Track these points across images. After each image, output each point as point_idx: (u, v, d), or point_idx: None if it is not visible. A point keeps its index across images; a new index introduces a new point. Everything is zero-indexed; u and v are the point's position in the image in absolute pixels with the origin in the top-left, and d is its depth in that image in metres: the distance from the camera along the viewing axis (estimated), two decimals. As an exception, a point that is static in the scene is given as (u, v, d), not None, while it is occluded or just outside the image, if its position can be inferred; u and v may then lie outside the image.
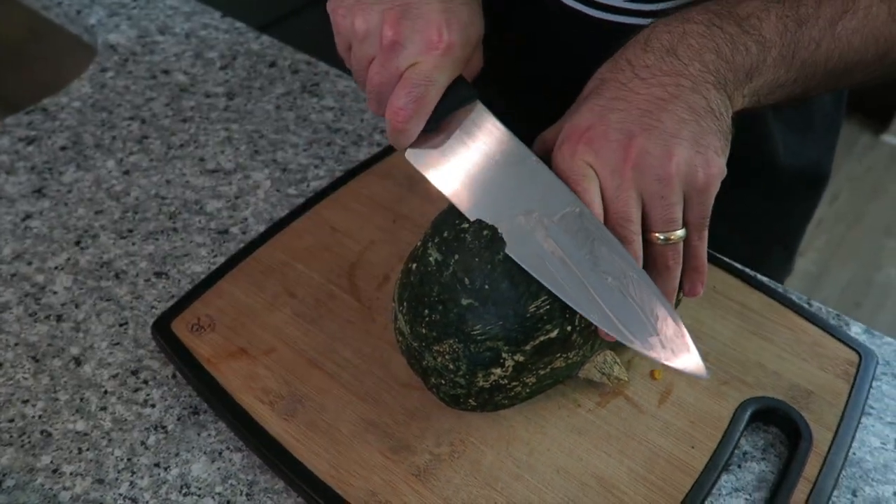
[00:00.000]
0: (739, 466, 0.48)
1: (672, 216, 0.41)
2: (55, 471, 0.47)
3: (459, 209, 0.45)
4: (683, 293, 0.46)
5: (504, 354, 0.44)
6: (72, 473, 0.47)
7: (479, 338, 0.43)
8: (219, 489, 0.47)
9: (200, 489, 0.47)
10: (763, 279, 0.58)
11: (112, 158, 0.69)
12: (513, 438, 0.48)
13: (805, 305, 0.57)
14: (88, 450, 0.48)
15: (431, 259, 0.45)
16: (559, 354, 0.45)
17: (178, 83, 0.77)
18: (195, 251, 0.61)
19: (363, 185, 0.64)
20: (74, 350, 0.54)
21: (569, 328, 0.44)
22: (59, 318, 0.56)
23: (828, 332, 0.54)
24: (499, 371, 0.44)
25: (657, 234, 0.41)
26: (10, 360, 0.53)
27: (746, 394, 0.50)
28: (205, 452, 0.49)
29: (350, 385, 0.50)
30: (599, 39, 0.48)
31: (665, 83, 0.41)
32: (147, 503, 0.46)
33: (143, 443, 0.49)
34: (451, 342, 0.44)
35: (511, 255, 0.43)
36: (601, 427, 0.48)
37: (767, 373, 0.51)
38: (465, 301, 0.43)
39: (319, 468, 0.46)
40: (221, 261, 0.59)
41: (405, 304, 0.46)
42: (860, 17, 0.45)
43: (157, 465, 0.48)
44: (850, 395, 0.50)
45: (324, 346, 0.52)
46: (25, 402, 0.51)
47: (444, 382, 0.46)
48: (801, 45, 0.44)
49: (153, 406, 0.51)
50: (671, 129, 0.40)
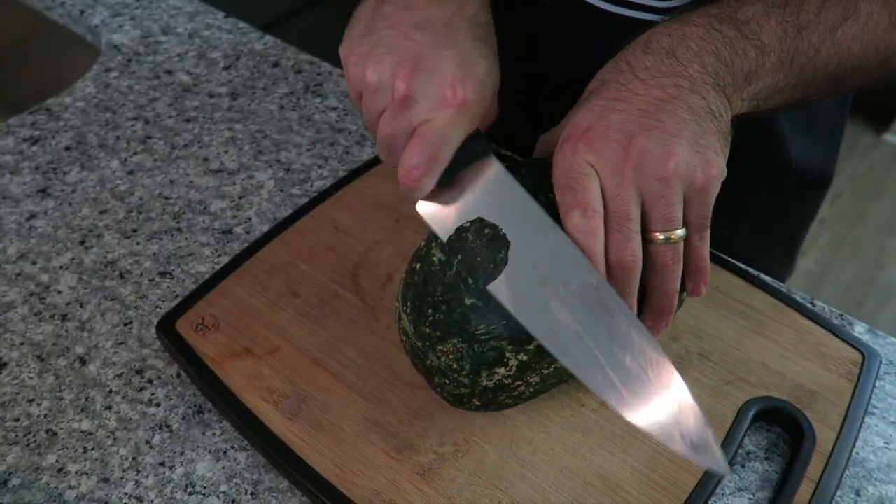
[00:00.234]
0: (743, 466, 0.48)
1: (672, 215, 0.41)
2: (60, 470, 0.48)
3: None
4: (686, 293, 0.46)
5: (508, 354, 0.44)
6: (77, 472, 0.48)
7: (483, 337, 0.43)
8: (223, 488, 0.47)
9: (205, 488, 0.47)
10: (766, 279, 0.58)
11: (116, 158, 0.69)
12: (516, 438, 0.48)
13: (808, 305, 0.57)
14: (93, 449, 0.49)
15: (435, 259, 0.45)
16: (563, 354, 0.45)
17: (182, 83, 0.77)
18: (199, 251, 0.61)
19: (367, 185, 0.64)
20: (79, 349, 0.54)
21: (573, 328, 0.44)
22: (64, 318, 0.56)
23: (831, 332, 0.54)
24: (502, 371, 0.44)
25: (657, 234, 0.41)
26: (16, 360, 0.53)
27: (750, 393, 0.50)
28: (209, 451, 0.49)
29: (354, 384, 0.50)
30: (601, 37, 0.48)
31: (664, 84, 0.41)
32: (152, 502, 0.46)
33: (148, 442, 0.49)
34: (455, 342, 0.44)
35: (523, 324, 0.41)
36: (605, 426, 0.48)
37: (771, 372, 0.51)
38: (469, 301, 0.43)
39: (323, 467, 0.46)
40: (225, 260, 0.59)
41: (409, 304, 0.46)
42: (861, 24, 0.45)
43: (162, 465, 0.48)
44: (854, 395, 0.50)
45: (327, 346, 0.52)
46: (31, 402, 0.51)
47: (448, 382, 0.46)
48: (801, 51, 0.44)
49: (158, 405, 0.51)
50: (671, 129, 0.40)
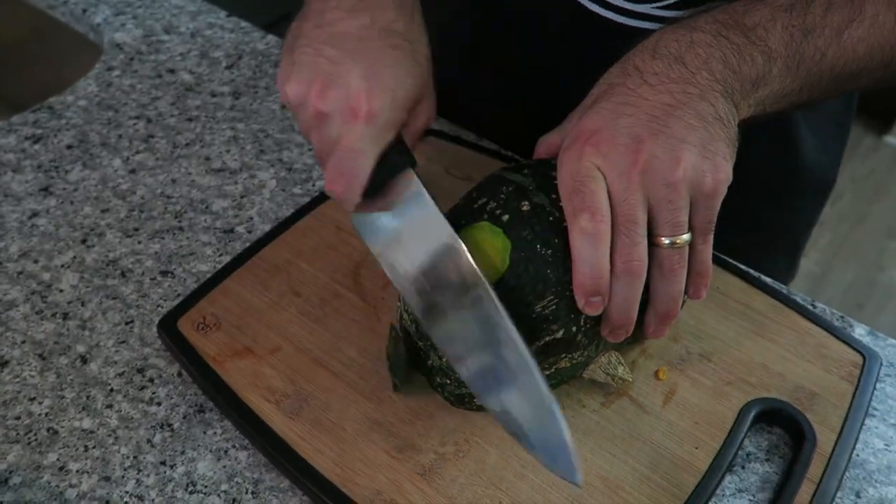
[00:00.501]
0: (743, 467, 0.48)
1: (678, 220, 0.41)
2: (61, 468, 0.48)
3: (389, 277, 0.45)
4: (687, 296, 0.46)
5: (509, 354, 0.44)
6: (78, 471, 0.48)
7: (485, 338, 0.43)
8: (224, 487, 0.47)
9: (206, 487, 0.47)
10: (767, 280, 0.58)
11: (118, 157, 0.69)
12: (517, 438, 0.48)
13: (809, 307, 0.57)
14: (94, 447, 0.49)
15: (437, 259, 0.45)
16: (564, 355, 0.45)
17: (184, 82, 0.77)
18: (201, 250, 0.61)
19: (368, 185, 0.64)
20: (81, 348, 0.54)
21: (574, 329, 0.44)
22: (66, 316, 0.56)
23: (832, 334, 0.54)
24: (504, 371, 0.44)
25: (663, 238, 0.42)
26: (17, 358, 0.53)
27: (750, 395, 0.50)
28: (210, 451, 0.49)
29: (355, 384, 0.50)
30: (601, 44, 0.48)
31: (673, 90, 0.41)
32: (153, 501, 0.46)
33: (149, 441, 0.49)
34: (457, 342, 0.44)
35: (428, 332, 0.44)
36: (605, 427, 0.48)
37: (771, 374, 0.51)
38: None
39: (324, 467, 0.46)
40: (227, 260, 0.59)
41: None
42: (867, 26, 0.45)
43: (163, 463, 0.48)
44: (854, 397, 0.50)
45: (329, 345, 0.52)
46: (32, 400, 0.51)
47: (449, 382, 0.47)
48: (807, 55, 0.44)
49: (159, 404, 0.51)
50: (679, 135, 0.40)
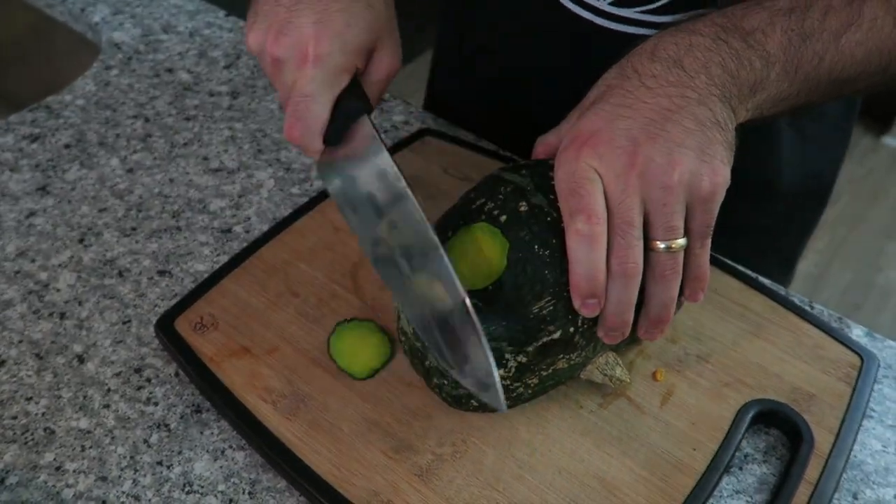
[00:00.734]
0: (741, 468, 0.48)
1: (674, 224, 0.41)
2: (58, 468, 0.48)
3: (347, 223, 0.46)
4: (684, 299, 0.46)
5: (507, 355, 0.44)
6: (75, 471, 0.47)
7: (482, 338, 0.43)
8: (221, 488, 0.47)
9: (203, 487, 0.47)
10: (765, 281, 0.58)
11: (116, 156, 0.69)
12: (514, 439, 0.48)
13: (807, 308, 0.57)
14: (91, 447, 0.49)
15: (435, 259, 0.45)
16: (562, 355, 0.45)
17: (182, 82, 0.77)
18: (198, 250, 0.61)
19: (366, 185, 0.64)
20: (78, 348, 0.54)
21: (571, 329, 0.44)
22: (63, 316, 0.56)
23: (829, 335, 0.54)
24: (501, 372, 0.44)
25: (658, 242, 0.41)
26: (14, 358, 0.53)
27: (748, 396, 0.50)
28: (207, 451, 0.49)
29: (352, 384, 0.50)
30: (595, 49, 0.48)
31: (671, 94, 0.41)
32: (150, 501, 0.46)
33: (146, 441, 0.49)
34: (454, 342, 0.44)
35: (378, 271, 0.45)
36: (603, 428, 0.48)
37: (769, 375, 0.51)
38: (469, 301, 0.43)
39: (321, 467, 0.46)
40: (225, 260, 0.59)
41: (408, 305, 0.46)
42: (865, 30, 0.45)
43: (160, 464, 0.48)
44: (852, 398, 0.50)
45: (327, 346, 0.52)
46: (29, 400, 0.51)
47: (447, 383, 0.46)
48: (805, 60, 0.44)
49: (156, 404, 0.51)
50: (677, 139, 0.40)
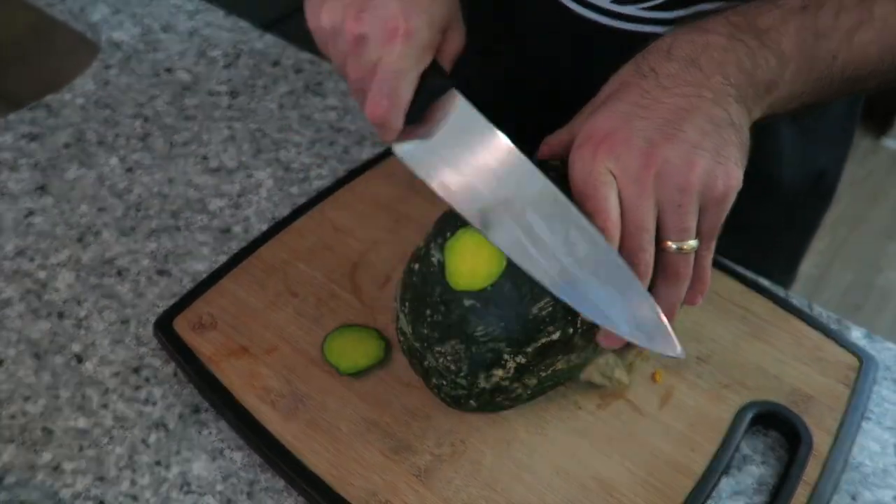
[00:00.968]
0: (739, 470, 0.48)
1: (687, 225, 0.41)
2: (56, 468, 0.48)
3: (445, 200, 0.45)
4: (683, 302, 0.46)
5: (506, 356, 0.44)
6: (73, 471, 0.47)
7: (481, 339, 0.43)
8: (219, 488, 0.47)
9: (201, 487, 0.47)
10: (765, 283, 0.58)
11: (115, 156, 0.69)
12: (513, 440, 0.48)
13: (806, 310, 0.57)
14: (89, 447, 0.49)
15: (434, 259, 0.45)
16: (561, 356, 0.45)
17: (181, 81, 0.77)
18: (197, 249, 0.61)
19: (366, 185, 0.64)
20: (76, 347, 0.54)
21: (571, 330, 0.44)
22: (61, 315, 0.56)
23: (829, 337, 0.54)
24: (500, 372, 0.44)
25: (670, 243, 0.41)
26: (12, 357, 0.53)
27: (747, 397, 0.50)
28: (206, 451, 0.49)
29: (351, 385, 0.50)
30: (600, 48, 0.48)
31: (688, 94, 0.41)
32: (148, 501, 0.46)
33: (144, 441, 0.49)
34: (453, 343, 0.44)
35: (494, 243, 0.43)
36: (602, 429, 0.48)
37: (768, 377, 0.51)
38: (468, 302, 0.43)
39: (320, 467, 0.46)
40: (224, 259, 0.59)
41: (407, 305, 0.46)
42: (877, 28, 0.45)
43: (158, 464, 0.48)
44: (850, 400, 0.50)
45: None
46: (27, 399, 0.51)
47: (446, 383, 0.46)
48: (819, 58, 0.44)
49: (154, 404, 0.51)
50: (693, 140, 0.40)
